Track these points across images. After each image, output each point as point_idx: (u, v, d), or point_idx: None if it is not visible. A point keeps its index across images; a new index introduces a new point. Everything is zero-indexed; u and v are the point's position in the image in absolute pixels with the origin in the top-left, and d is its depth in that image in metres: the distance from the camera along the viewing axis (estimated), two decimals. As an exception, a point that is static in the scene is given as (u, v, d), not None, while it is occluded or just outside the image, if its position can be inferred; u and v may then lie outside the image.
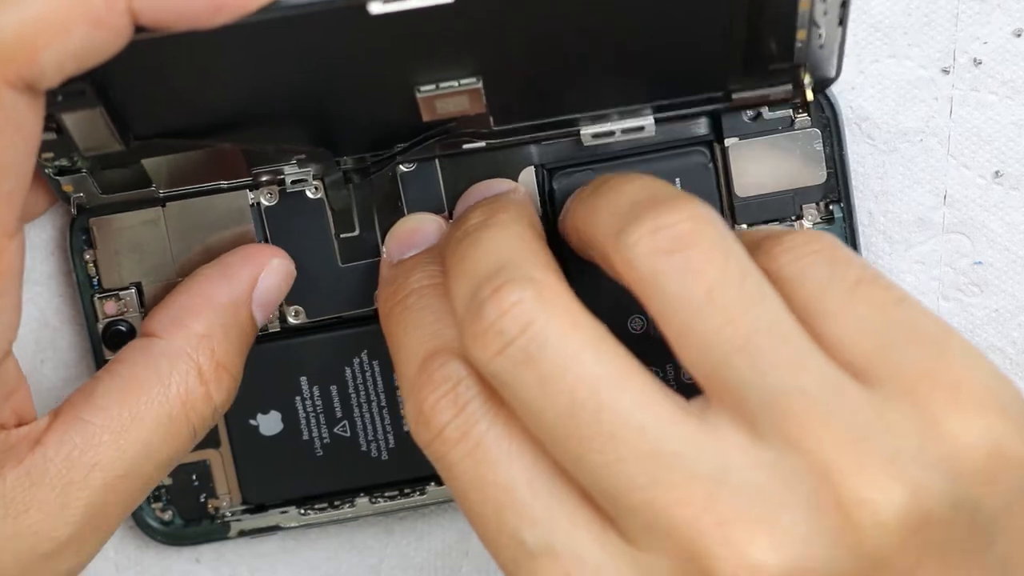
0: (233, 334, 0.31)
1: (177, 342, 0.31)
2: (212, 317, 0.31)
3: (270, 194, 0.34)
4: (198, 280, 0.32)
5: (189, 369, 0.30)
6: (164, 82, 0.29)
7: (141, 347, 0.31)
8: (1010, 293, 0.36)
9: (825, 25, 0.30)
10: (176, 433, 0.30)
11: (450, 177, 0.34)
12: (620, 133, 0.34)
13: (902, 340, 0.27)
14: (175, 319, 0.31)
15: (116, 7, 0.25)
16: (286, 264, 0.33)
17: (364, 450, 0.35)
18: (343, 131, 0.32)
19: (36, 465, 0.29)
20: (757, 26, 0.30)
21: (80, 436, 0.29)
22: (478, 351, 0.27)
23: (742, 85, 0.32)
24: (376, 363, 0.35)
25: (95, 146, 0.30)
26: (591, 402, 0.26)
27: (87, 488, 0.29)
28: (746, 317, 0.26)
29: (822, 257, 0.28)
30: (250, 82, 0.29)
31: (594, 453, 0.26)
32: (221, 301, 0.31)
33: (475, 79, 0.30)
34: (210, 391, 0.31)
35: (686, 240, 0.26)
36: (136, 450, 0.30)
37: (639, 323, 0.35)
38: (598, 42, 0.29)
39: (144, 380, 0.30)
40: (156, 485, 0.31)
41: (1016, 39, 0.35)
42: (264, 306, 0.32)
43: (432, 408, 0.28)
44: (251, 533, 0.36)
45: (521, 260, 0.27)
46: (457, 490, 0.28)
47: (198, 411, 0.31)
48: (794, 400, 0.26)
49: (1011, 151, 0.35)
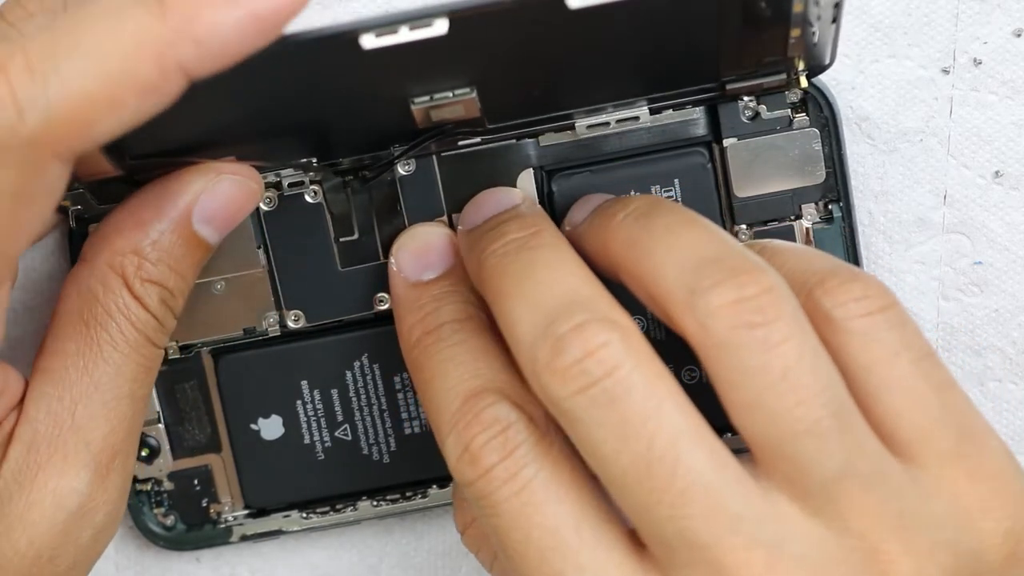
0: (166, 249, 0.31)
1: (101, 260, 0.30)
2: (139, 233, 0.30)
3: (268, 199, 0.34)
4: (129, 200, 0.31)
5: (119, 284, 0.30)
6: None
7: (72, 276, 0.31)
8: (1010, 293, 0.36)
9: (819, 24, 0.30)
10: (135, 347, 0.30)
11: (449, 179, 0.34)
12: (615, 124, 0.33)
13: (953, 428, 0.28)
14: (102, 237, 0.31)
15: (168, 71, 0.24)
16: (240, 179, 0.31)
17: (365, 453, 0.35)
18: (337, 140, 0.32)
19: (25, 432, 0.30)
20: (751, 27, 0.29)
21: (49, 385, 0.30)
22: (556, 387, 0.27)
23: (736, 75, 0.32)
24: (376, 366, 0.35)
25: (92, 174, 0.30)
26: (669, 455, 0.26)
27: (80, 429, 0.30)
28: (817, 400, 0.27)
29: (890, 319, 0.28)
30: (245, 101, 0.29)
31: (664, 506, 0.26)
32: (150, 216, 0.31)
33: (469, 89, 0.30)
34: (144, 304, 0.30)
35: (767, 315, 0.27)
36: (108, 375, 0.30)
37: (639, 324, 0.35)
38: (591, 46, 0.29)
39: (83, 307, 0.30)
40: (144, 405, 0.31)
41: (1016, 39, 0.35)
42: (211, 220, 0.31)
43: (481, 448, 0.28)
44: (253, 538, 0.36)
45: (595, 296, 0.28)
46: (498, 527, 0.28)
47: (143, 321, 0.30)
48: (851, 484, 0.27)
49: (1011, 151, 0.35)
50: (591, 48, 0.29)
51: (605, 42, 0.29)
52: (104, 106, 0.24)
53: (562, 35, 0.28)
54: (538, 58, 0.29)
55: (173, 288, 0.31)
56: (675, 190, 0.34)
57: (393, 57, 0.27)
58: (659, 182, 0.34)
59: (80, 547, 0.30)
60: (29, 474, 0.29)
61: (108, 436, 0.30)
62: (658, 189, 0.34)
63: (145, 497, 0.36)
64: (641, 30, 0.29)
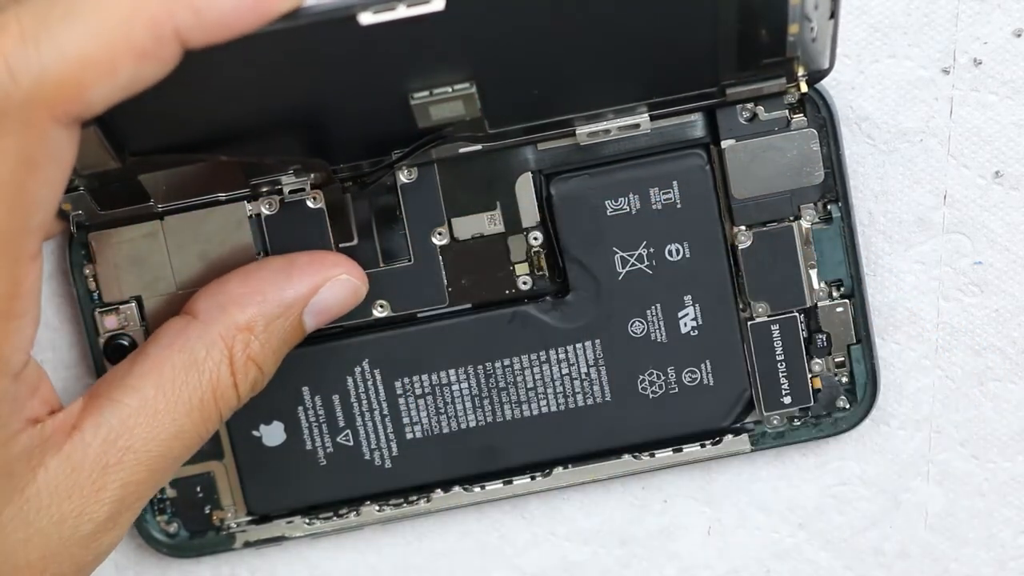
0: (275, 333, 0.31)
1: (216, 328, 0.31)
2: (257, 311, 0.31)
3: (269, 204, 0.34)
4: (257, 270, 0.32)
5: (223, 357, 0.31)
6: (158, 98, 0.29)
7: (179, 328, 0.31)
8: (1010, 293, 0.36)
9: (816, 19, 0.30)
10: (206, 418, 0.31)
11: (449, 185, 0.34)
12: (616, 131, 0.33)
13: None
14: (220, 305, 0.31)
15: (163, 38, 0.25)
16: (354, 281, 0.33)
17: (367, 459, 0.36)
18: (339, 140, 0.32)
19: (76, 450, 0.29)
20: (748, 22, 0.29)
21: (116, 418, 0.30)
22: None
23: (736, 80, 0.32)
24: (377, 372, 0.35)
25: (91, 164, 0.30)
26: None
27: (123, 470, 0.29)
28: None
29: None
30: (244, 96, 0.29)
31: None
32: (272, 298, 0.31)
33: (468, 84, 0.30)
34: (236, 382, 0.31)
35: None
36: (169, 432, 0.30)
37: (639, 327, 0.35)
38: (591, 41, 0.29)
39: (179, 363, 0.30)
40: (181, 465, 0.31)
41: (1016, 39, 0.34)
42: (318, 315, 0.32)
43: None
44: (256, 544, 0.36)
45: None
46: None
47: (226, 399, 0.31)
48: None
49: (1011, 151, 0.35)
50: (589, 40, 0.29)
51: (602, 32, 0.29)
52: (98, 69, 0.25)
53: (559, 23, 0.28)
54: (537, 51, 0.29)
55: (266, 371, 0.31)
56: (673, 192, 0.34)
57: (392, 38, 0.27)
58: (657, 184, 0.34)
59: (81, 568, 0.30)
60: (64, 493, 0.29)
61: (141, 485, 0.30)
62: (656, 191, 0.34)
63: (148, 505, 0.36)
64: (638, 20, 0.28)
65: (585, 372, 0.35)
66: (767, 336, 0.35)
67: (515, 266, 0.35)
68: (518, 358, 0.35)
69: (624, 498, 0.37)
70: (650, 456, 0.35)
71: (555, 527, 0.37)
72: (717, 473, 0.37)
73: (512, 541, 0.37)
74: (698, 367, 0.35)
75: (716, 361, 0.35)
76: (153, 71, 0.25)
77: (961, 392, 0.36)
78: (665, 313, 0.35)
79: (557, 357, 0.35)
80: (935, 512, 0.37)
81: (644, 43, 0.30)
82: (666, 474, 0.37)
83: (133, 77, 0.25)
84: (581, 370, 0.35)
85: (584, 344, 0.35)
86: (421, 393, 0.35)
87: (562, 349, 0.35)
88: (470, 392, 0.35)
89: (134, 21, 0.24)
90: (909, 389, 0.36)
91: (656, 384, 0.35)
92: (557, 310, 0.35)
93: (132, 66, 0.25)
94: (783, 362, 0.35)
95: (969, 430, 0.36)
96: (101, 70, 0.25)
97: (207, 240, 0.34)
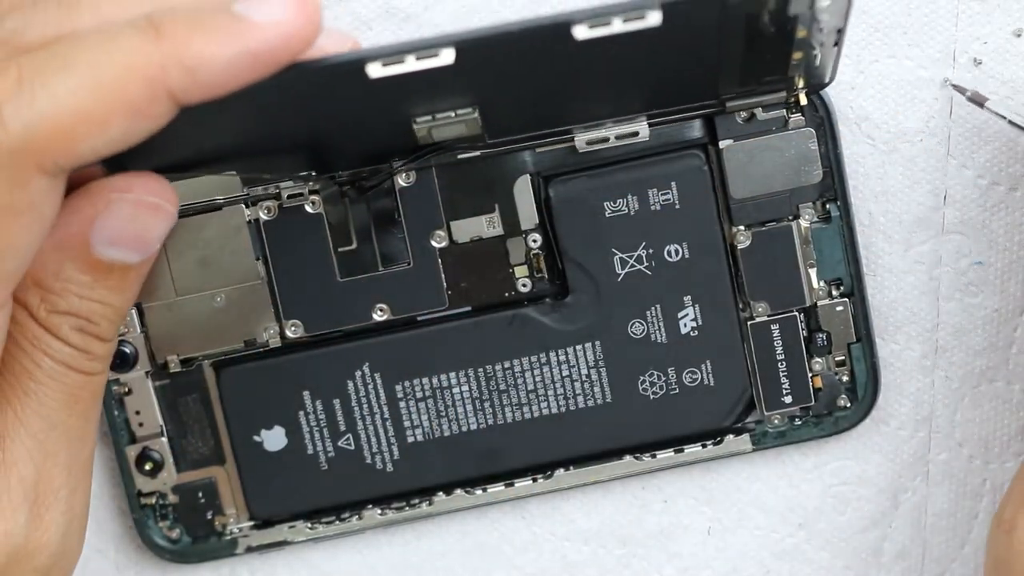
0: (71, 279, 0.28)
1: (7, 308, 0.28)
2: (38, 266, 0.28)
3: (268, 209, 0.34)
4: None
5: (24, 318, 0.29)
6: None
7: None
8: (1010, 293, 0.36)
9: (821, 49, 0.30)
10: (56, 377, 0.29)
11: (447, 188, 0.34)
12: (614, 139, 0.33)
13: None
14: None
15: (157, 96, 0.24)
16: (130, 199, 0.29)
17: (369, 462, 0.36)
18: (338, 154, 0.32)
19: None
20: (753, 52, 0.29)
21: None
22: None
23: (736, 94, 0.32)
24: (378, 375, 0.35)
25: None
26: None
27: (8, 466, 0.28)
28: None
29: None
30: (245, 122, 0.29)
31: None
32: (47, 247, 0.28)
33: (471, 109, 0.30)
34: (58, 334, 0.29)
35: None
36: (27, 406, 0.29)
37: (639, 328, 0.35)
38: (594, 69, 0.29)
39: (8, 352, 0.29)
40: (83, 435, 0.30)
41: (1016, 39, 0.34)
42: (116, 243, 0.28)
43: None
44: (259, 549, 0.36)
45: None
46: None
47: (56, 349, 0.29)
48: None
49: (1011, 151, 0.35)
50: (594, 71, 0.29)
51: (608, 65, 0.29)
52: (90, 123, 0.24)
53: (566, 60, 0.28)
54: (541, 81, 0.29)
55: (89, 315, 0.29)
56: (672, 193, 0.34)
57: (398, 83, 0.27)
58: (656, 185, 0.34)
59: None
60: None
61: (41, 471, 0.29)
62: (655, 192, 0.34)
63: (150, 511, 0.36)
64: (644, 54, 0.28)
65: (585, 374, 0.35)
66: (767, 336, 0.35)
67: (514, 268, 0.35)
68: (518, 360, 0.35)
69: (624, 498, 0.37)
70: (651, 457, 0.36)
71: (555, 527, 0.37)
72: (717, 473, 0.37)
73: (512, 541, 0.37)
74: (698, 367, 0.35)
75: (716, 361, 0.35)
76: (145, 127, 0.25)
77: (961, 392, 0.36)
78: (665, 314, 0.35)
79: (557, 359, 0.35)
80: (935, 512, 0.37)
81: (647, 71, 0.30)
82: (666, 474, 0.37)
83: (125, 132, 0.25)
84: (581, 372, 0.35)
85: (584, 346, 0.35)
86: (422, 396, 0.35)
87: (562, 351, 0.35)
88: (471, 395, 0.35)
89: (129, 77, 0.24)
90: (909, 389, 0.36)
91: (657, 385, 0.35)
92: (557, 312, 0.35)
93: (124, 122, 0.25)
94: (783, 361, 0.35)
95: (969, 430, 0.36)
96: (93, 124, 0.24)
97: (206, 245, 0.34)
